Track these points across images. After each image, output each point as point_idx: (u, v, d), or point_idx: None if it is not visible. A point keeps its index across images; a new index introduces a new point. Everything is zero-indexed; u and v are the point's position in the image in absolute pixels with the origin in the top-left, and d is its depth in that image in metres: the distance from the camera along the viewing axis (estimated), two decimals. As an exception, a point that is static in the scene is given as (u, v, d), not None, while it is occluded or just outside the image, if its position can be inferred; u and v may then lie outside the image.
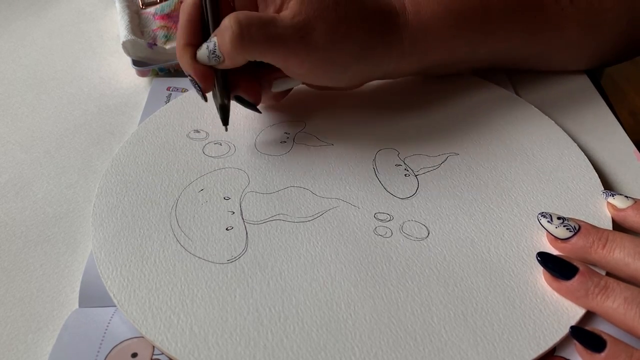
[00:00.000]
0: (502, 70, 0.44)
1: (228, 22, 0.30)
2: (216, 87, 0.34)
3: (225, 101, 0.34)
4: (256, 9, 0.33)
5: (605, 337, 0.24)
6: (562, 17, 0.38)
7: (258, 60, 0.32)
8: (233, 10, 0.32)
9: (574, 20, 0.38)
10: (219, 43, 0.31)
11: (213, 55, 0.31)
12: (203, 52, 0.31)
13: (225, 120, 0.35)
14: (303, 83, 0.37)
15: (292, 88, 0.38)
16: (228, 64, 0.32)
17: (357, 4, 0.33)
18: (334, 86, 0.37)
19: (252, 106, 0.35)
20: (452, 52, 0.37)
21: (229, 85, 0.34)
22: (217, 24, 0.31)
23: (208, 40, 0.31)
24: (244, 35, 0.30)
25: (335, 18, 0.32)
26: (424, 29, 0.35)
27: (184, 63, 0.32)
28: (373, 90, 0.41)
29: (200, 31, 0.32)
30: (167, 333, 0.26)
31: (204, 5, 0.32)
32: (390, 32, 0.35)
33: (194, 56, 0.32)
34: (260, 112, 0.37)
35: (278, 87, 0.36)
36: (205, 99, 0.34)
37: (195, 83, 0.33)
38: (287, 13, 0.31)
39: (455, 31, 0.36)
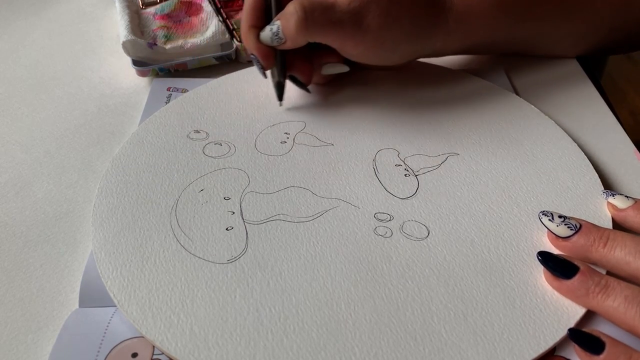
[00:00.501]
0: (502, 69, 0.44)
1: (293, 8, 0.34)
2: (274, 68, 0.37)
3: (282, 79, 0.38)
4: None
5: (604, 338, 0.24)
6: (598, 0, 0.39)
7: (317, 42, 0.35)
8: None
9: (608, 4, 0.40)
10: (283, 26, 0.34)
11: (276, 37, 0.35)
12: (267, 33, 0.35)
13: (280, 96, 0.39)
14: (353, 65, 0.39)
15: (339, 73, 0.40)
16: (289, 45, 0.35)
17: None
18: (384, 64, 0.39)
19: (303, 86, 0.39)
20: (493, 32, 0.40)
21: (285, 64, 0.37)
22: (279, 8, 0.35)
23: (271, 23, 0.35)
24: (308, 19, 0.33)
25: (387, 2, 0.35)
26: (468, 10, 0.38)
27: (249, 43, 0.36)
28: (373, 90, 0.41)
29: (263, 14, 0.36)
30: (167, 333, 0.26)
31: None
32: (437, 14, 0.37)
33: (257, 37, 0.35)
34: (309, 92, 0.40)
35: (327, 71, 0.39)
36: (265, 76, 0.38)
37: (257, 62, 0.36)
38: None
39: (496, 12, 0.38)
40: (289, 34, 0.34)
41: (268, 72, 0.38)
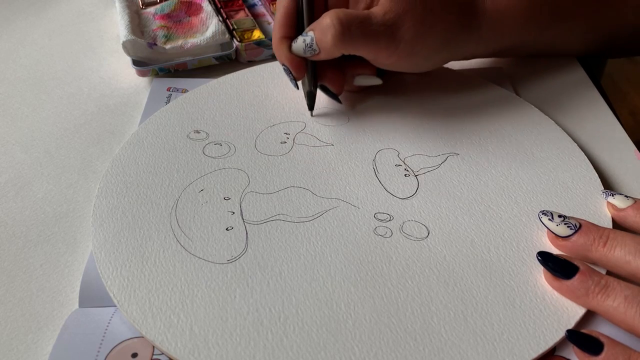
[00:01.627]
0: (503, 69, 0.44)
1: (330, 21, 0.33)
2: (306, 78, 0.37)
3: (313, 89, 0.38)
4: (347, 4, 0.36)
5: (602, 339, 0.24)
6: (623, 1, 0.40)
7: (351, 54, 0.35)
8: (325, 5, 0.36)
9: (632, 6, 0.40)
10: (318, 38, 0.33)
11: (309, 49, 0.34)
12: (299, 45, 0.34)
13: (311, 106, 0.38)
14: (383, 73, 0.39)
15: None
16: (323, 56, 0.34)
17: None
18: (416, 72, 0.39)
19: (334, 96, 0.39)
20: (522, 36, 0.40)
21: (317, 74, 0.37)
22: (311, 19, 0.35)
23: (304, 34, 0.34)
24: (345, 33, 0.33)
25: (421, 13, 0.34)
26: (500, 16, 0.38)
27: (281, 54, 0.35)
28: (373, 90, 0.41)
29: (295, 25, 0.35)
30: (167, 333, 0.26)
31: (300, 1, 0.35)
32: (470, 20, 0.37)
33: (289, 48, 0.35)
34: (340, 102, 0.39)
35: (360, 82, 0.39)
36: (297, 87, 0.38)
37: (289, 72, 0.36)
38: (378, 10, 0.34)
39: (527, 16, 0.38)
40: (324, 47, 0.33)
41: (299, 82, 0.38)
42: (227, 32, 0.46)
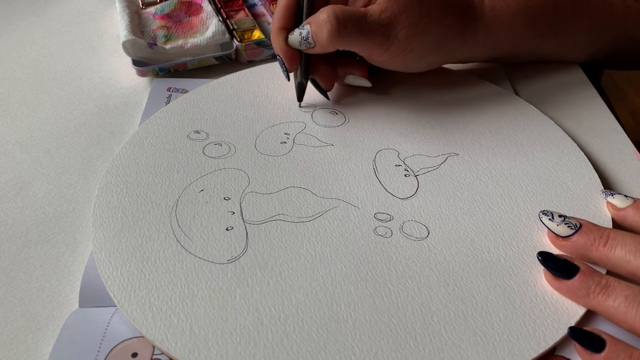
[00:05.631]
0: (502, 70, 0.44)
1: (327, 16, 0.33)
2: (298, 69, 0.38)
3: (304, 81, 0.38)
4: (346, 1, 0.36)
5: (604, 336, 0.24)
6: (627, 14, 0.40)
7: (346, 49, 0.35)
8: (327, 1, 0.36)
9: (637, 18, 0.40)
10: (314, 32, 0.34)
11: (305, 42, 0.34)
12: (295, 37, 0.35)
13: (300, 97, 0.39)
14: (377, 71, 0.39)
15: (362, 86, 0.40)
16: (317, 50, 0.35)
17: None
18: (410, 71, 0.39)
19: (323, 91, 0.39)
20: (522, 43, 0.40)
21: (309, 67, 0.38)
22: (310, 13, 0.35)
23: (301, 27, 0.35)
24: (340, 29, 0.33)
25: (417, 13, 0.34)
26: (498, 22, 0.38)
27: (276, 45, 0.36)
28: (373, 90, 0.41)
29: (294, 17, 0.36)
30: (167, 333, 0.26)
31: None
32: (467, 24, 0.37)
33: (286, 39, 0.35)
34: (329, 99, 0.40)
35: (350, 82, 0.40)
36: (289, 79, 0.38)
37: (282, 63, 0.36)
38: (375, 8, 0.34)
39: (527, 24, 0.39)
40: (319, 41, 0.34)
41: (291, 75, 0.38)
42: (227, 32, 0.46)
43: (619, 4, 0.40)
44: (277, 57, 0.36)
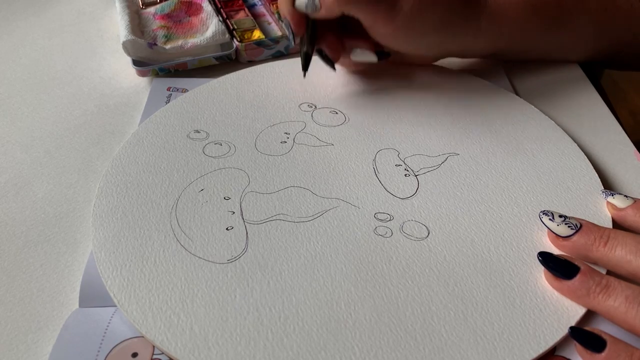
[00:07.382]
0: (502, 69, 0.44)
1: None
2: (304, 37, 0.37)
3: (309, 50, 0.38)
4: None
5: (605, 336, 0.24)
6: (631, 12, 0.40)
7: (350, 15, 0.35)
8: None
9: (637, 17, 0.40)
10: None
11: (311, 4, 0.35)
12: (302, 0, 0.35)
13: (305, 66, 0.38)
14: (380, 52, 0.39)
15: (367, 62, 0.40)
16: (323, 14, 0.35)
17: None
18: (412, 52, 0.39)
19: (330, 62, 0.39)
20: (525, 36, 0.40)
21: (316, 36, 0.38)
22: None
23: None
24: None
25: None
26: (502, 12, 0.38)
27: (283, 8, 0.36)
28: (372, 90, 0.41)
29: None
30: (167, 333, 0.26)
31: None
32: (470, 9, 0.38)
33: (293, 3, 0.36)
34: (335, 70, 0.40)
35: (356, 56, 0.39)
36: (293, 43, 0.38)
37: (289, 27, 0.37)
38: None
39: (531, 16, 0.39)
40: (325, 3, 0.34)
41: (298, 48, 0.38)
42: (227, 32, 0.46)
43: (623, 2, 0.40)
44: (285, 20, 0.37)
